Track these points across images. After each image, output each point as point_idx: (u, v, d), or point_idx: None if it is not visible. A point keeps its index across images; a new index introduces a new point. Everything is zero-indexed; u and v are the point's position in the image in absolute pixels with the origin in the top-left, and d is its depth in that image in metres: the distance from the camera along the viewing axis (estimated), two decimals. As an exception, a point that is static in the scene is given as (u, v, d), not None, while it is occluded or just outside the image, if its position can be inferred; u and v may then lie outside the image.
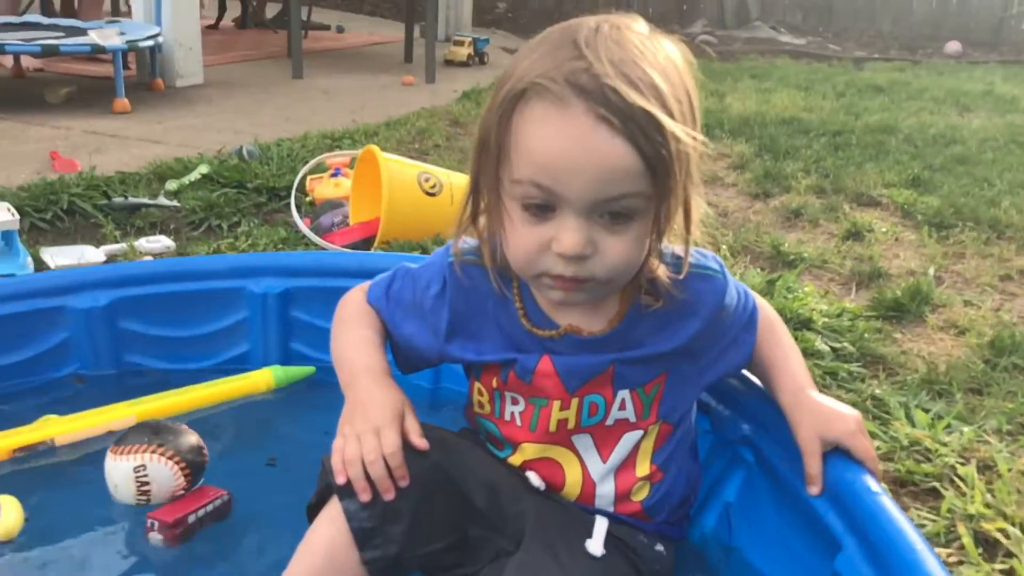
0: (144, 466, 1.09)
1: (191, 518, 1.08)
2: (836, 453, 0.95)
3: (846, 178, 3.02)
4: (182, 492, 1.11)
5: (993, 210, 2.66)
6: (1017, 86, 5.47)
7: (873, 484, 0.91)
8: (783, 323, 1.08)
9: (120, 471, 1.09)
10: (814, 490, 0.94)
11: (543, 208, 0.82)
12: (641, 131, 0.77)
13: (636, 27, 0.83)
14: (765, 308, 1.06)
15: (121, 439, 1.12)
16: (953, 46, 7.57)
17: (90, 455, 1.23)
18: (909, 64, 6.63)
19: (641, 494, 1.00)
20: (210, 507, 1.11)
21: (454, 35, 6.00)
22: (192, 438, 1.14)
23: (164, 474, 1.09)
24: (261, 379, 1.44)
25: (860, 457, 0.93)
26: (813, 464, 0.94)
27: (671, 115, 0.78)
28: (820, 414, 0.96)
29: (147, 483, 1.09)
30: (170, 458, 1.10)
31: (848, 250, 2.35)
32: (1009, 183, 3.02)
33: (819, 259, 2.26)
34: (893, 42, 8.15)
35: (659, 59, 0.80)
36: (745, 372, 1.08)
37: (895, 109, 4.45)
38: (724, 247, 2.27)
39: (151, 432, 1.12)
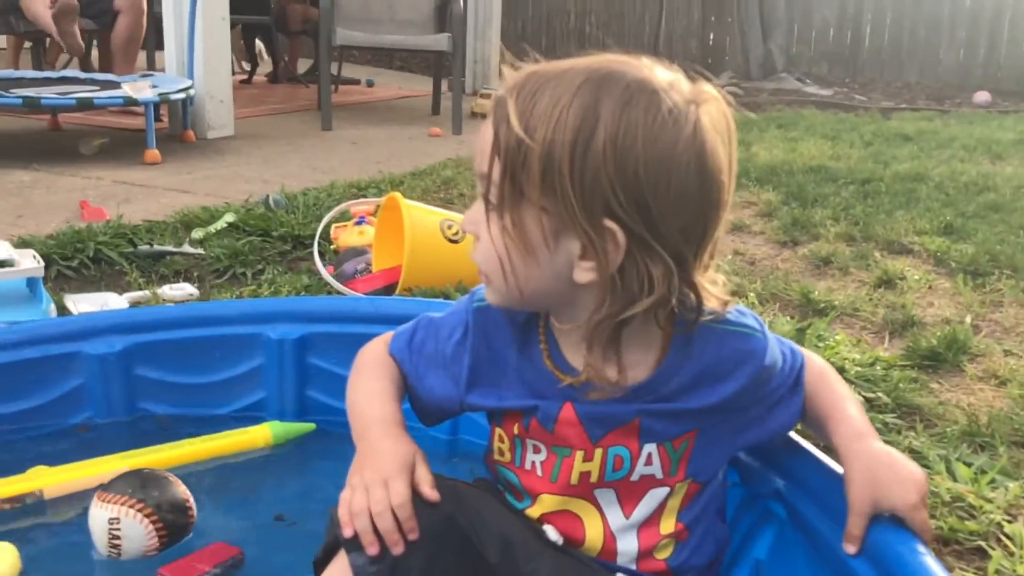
0: (118, 519, 1.05)
1: (202, 579, 1.04)
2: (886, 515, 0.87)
3: (876, 226, 2.97)
4: (155, 552, 1.07)
5: (1030, 258, 2.59)
6: (1049, 134, 5.40)
7: (918, 545, 0.84)
8: (835, 371, 1.02)
9: (97, 520, 1.06)
10: (851, 549, 0.88)
11: None
12: (502, 116, 0.80)
13: (655, 101, 0.78)
14: (813, 359, 1.01)
15: (110, 484, 1.09)
16: (982, 96, 7.52)
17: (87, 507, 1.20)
18: (937, 114, 6.59)
19: (665, 552, 0.94)
20: (223, 567, 1.07)
21: (481, 89, 6.07)
22: (178, 495, 1.10)
23: (137, 531, 1.05)
24: (259, 435, 1.40)
25: (915, 531, 0.86)
26: (857, 524, 0.88)
27: (529, 119, 0.78)
28: (878, 474, 0.88)
29: (119, 537, 1.05)
30: (147, 515, 1.05)
31: (880, 298, 2.29)
32: (1046, 231, 2.94)
33: (850, 307, 2.20)
34: (920, 92, 8.12)
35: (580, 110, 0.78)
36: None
37: (924, 157, 4.40)
38: (752, 295, 2.22)
39: (138, 483, 1.08)
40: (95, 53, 5.17)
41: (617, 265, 0.79)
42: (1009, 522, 1.25)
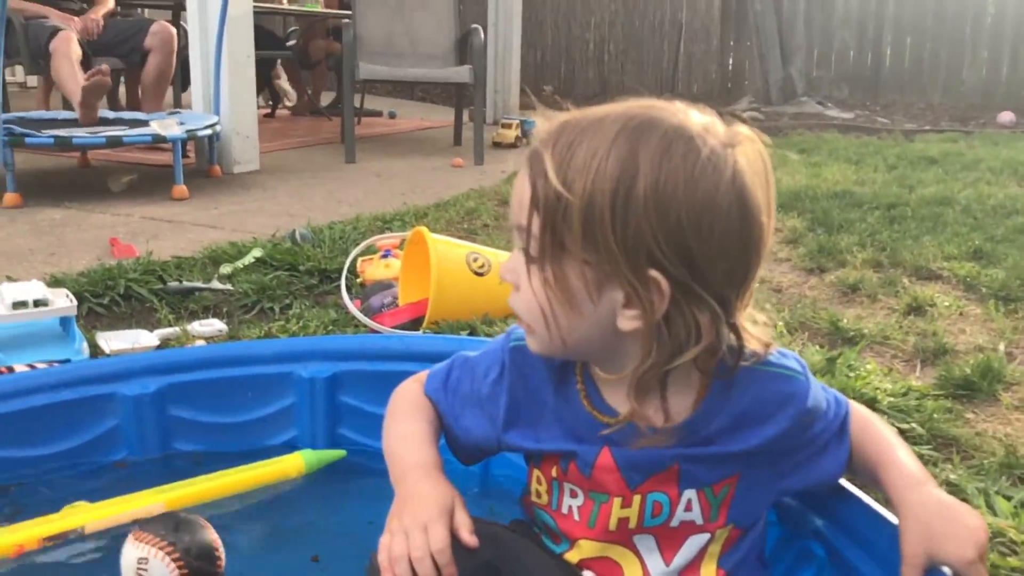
0: (147, 559, 1.06)
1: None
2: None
3: (903, 251, 2.95)
4: None
5: (1063, 282, 2.56)
6: (1076, 154, 5.35)
7: None
8: (880, 419, 1.00)
9: (128, 557, 1.08)
10: None
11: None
12: (539, 170, 0.80)
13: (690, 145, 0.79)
14: (859, 409, 0.99)
15: (145, 523, 1.10)
16: (1006, 116, 7.47)
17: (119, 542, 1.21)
18: (961, 135, 6.55)
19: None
20: None
21: (502, 118, 6.12)
22: (208, 542, 1.10)
23: (162, 573, 1.06)
24: (292, 464, 1.41)
25: None
26: None
27: (567, 171, 0.78)
28: (933, 526, 0.85)
29: None
30: (175, 559, 1.07)
31: (910, 325, 2.27)
32: (1077, 254, 2.91)
33: (880, 335, 2.18)
34: (943, 114, 8.08)
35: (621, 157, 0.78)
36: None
37: (950, 180, 4.36)
38: (780, 324, 2.21)
39: (171, 526, 1.09)
40: (122, 90, 5.28)
41: (662, 313, 0.79)
42: (1053, 558, 1.23)
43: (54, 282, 2.31)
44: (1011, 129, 7.02)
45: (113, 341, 1.94)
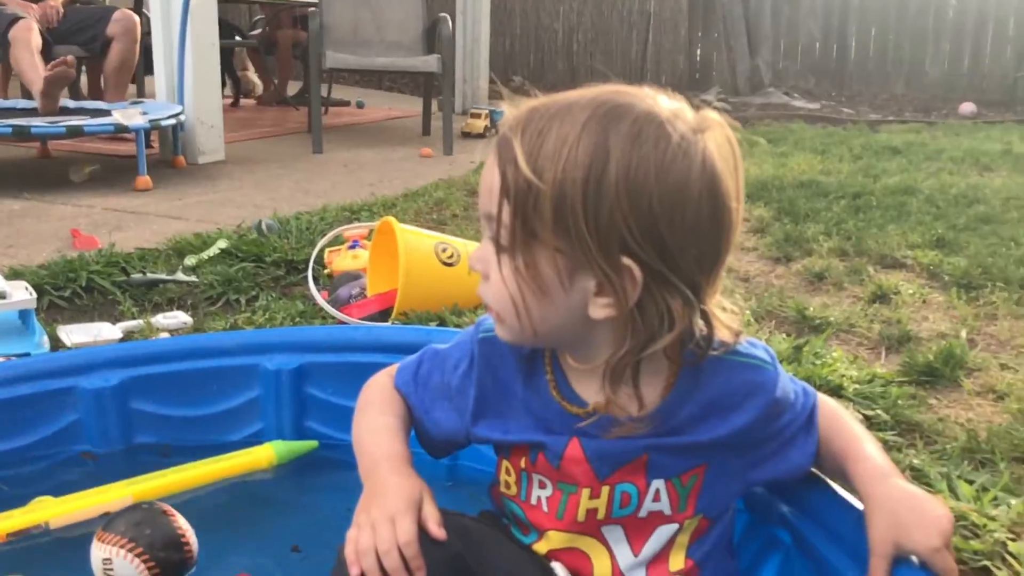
0: (110, 559, 1.05)
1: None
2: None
3: (869, 240, 2.98)
4: None
5: (1023, 270, 2.60)
6: (1036, 144, 5.45)
7: None
8: (847, 412, 1.01)
9: (95, 559, 1.07)
10: None
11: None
12: (508, 158, 0.79)
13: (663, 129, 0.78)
14: (826, 402, 0.99)
15: (109, 523, 1.08)
16: (967, 107, 7.59)
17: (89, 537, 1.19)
18: (924, 125, 6.64)
19: (676, 590, 0.94)
20: None
21: (471, 108, 6.09)
22: (173, 532, 1.09)
23: (128, 571, 1.05)
24: (263, 455, 1.40)
25: (939, 574, 0.83)
26: (879, 569, 0.85)
27: (538, 159, 0.77)
28: (900, 515, 0.86)
29: None
30: (138, 555, 1.05)
31: (875, 313, 2.30)
32: (1036, 242, 2.96)
33: (846, 323, 2.20)
34: (907, 104, 8.18)
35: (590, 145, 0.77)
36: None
37: (914, 170, 4.42)
38: (748, 312, 2.23)
39: (133, 523, 1.08)
40: (84, 79, 5.18)
41: (635, 301, 0.78)
42: (1013, 540, 1.25)
43: (13, 274, 2.26)
44: (972, 120, 7.13)
45: (75, 334, 1.90)
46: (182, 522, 1.11)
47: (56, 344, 1.87)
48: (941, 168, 4.51)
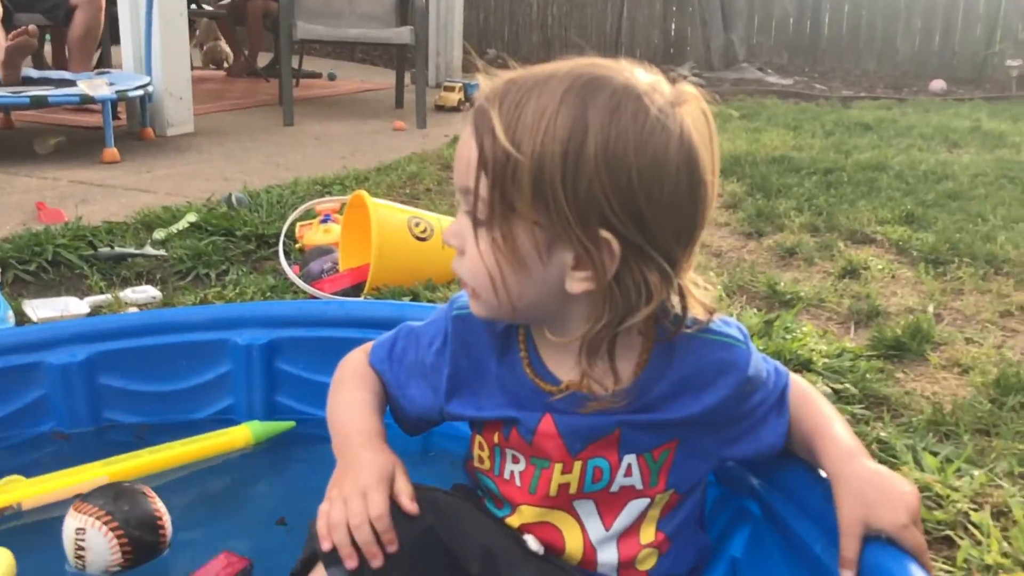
0: (84, 529, 1.04)
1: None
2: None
3: (839, 216, 3.01)
4: (118, 568, 1.06)
5: (989, 245, 2.64)
6: (1003, 122, 5.51)
7: (909, 562, 0.83)
8: (818, 392, 1.01)
9: (67, 529, 1.06)
10: (847, 575, 0.86)
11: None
12: (485, 129, 0.78)
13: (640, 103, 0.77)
14: (798, 382, 1.00)
15: (87, 495, 1.08)
16: (938, 84, 7.65)
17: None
18: (895, 102, 6.69)
19: (647, 563, 0.94)
20: None
21: (445, 81, 6.04)
22: (149, 512, 1.08)
23: (100, 544, 1.04)
24: (239, 435, 1.39)
25: (908, 550, 0.84)
26: (849, 547, 0.86)
27: (516, 131, 0.76)
28: (868, 494, 0.86)
29: (83, 549, 1.04)
30: (112, 529, 1.04)
31: (845, 288, 2.32)
32: (1003, 218, 3.00)
33: (816, 298, 2.22)
34: (879, 81, 8.23)
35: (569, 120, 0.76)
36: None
37: (884, 146, 4.46)
38: (720, 287, 2.24)
39: (110, 496, 1.07)
40: (48, 49, 5.06)
41: (612, 274, 0.78)
42: (976, 511, 1.28)
43: (-24, 248, 2.22)
44: (942, 97, 7.20)
45: (41, 309, 1.87)
46: (160, 505, 1.10)
47: (22, 319, 1.84)
48: (911, 144, 4.55)
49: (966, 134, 4.94)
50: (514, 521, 0.94)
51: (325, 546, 0.82)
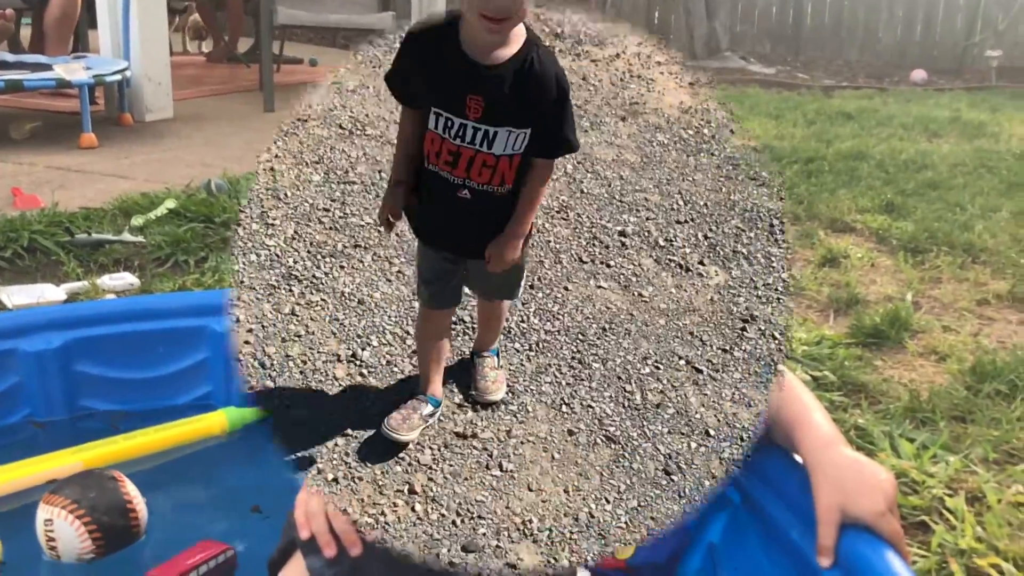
0: (51, 520, 1.04)
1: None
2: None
3: (820, 204, 3.02)
4: (92, 556, 1.05)
5: (967, 234, 2.66)
6: (983, 112, 5.55)
7: (885, 549, 0.84)
8: (800, 382, 1.02)
9: (37, 521, 1.06)
10: (825, 562, 0.86)
11: None
12: None
13: None
14: (780, 370, 1.00)
15: (56, 487, 1.07)
16: (919, 74, 7.69)
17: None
18: (877, 92, 6.72)
19: (626, 553, 0.95)
20: (212, 563, 1.04)
21: (427, 67, 5.99)
22: (118, 498, 1.08)
23: (68, 533, 1.04)
24: (215, 422, 1.38)
25: (885, 537, 0.85)
26: (827, 535, 0.86)
27: None
28: (845, 482, 0.87)
29: (53, 539, 1.04)
30: (79, 517, 1.04)
31: (825, 276, 2.34)
32: (981, 207, 3.03)
33: (796, 286, 2.23)
34: (860, 71, 8.26)
35: None
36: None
37: (865, 136, 4.48)
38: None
39: (78, 487, 1.07)
40: (24, 32, 4.98)
41: None
42: (950, 496, 1.29)
43: (-50, 234, 2.19)
44: (923, 87, 7.24)
45: (16, 296, 1.85)
46: (131, 489, 1.10)
47: (-4, 306, 1.82)
48: (892, 134, 4.57)
49: (946, 124, 4.97)
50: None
51: (303, 535, 0.82)
